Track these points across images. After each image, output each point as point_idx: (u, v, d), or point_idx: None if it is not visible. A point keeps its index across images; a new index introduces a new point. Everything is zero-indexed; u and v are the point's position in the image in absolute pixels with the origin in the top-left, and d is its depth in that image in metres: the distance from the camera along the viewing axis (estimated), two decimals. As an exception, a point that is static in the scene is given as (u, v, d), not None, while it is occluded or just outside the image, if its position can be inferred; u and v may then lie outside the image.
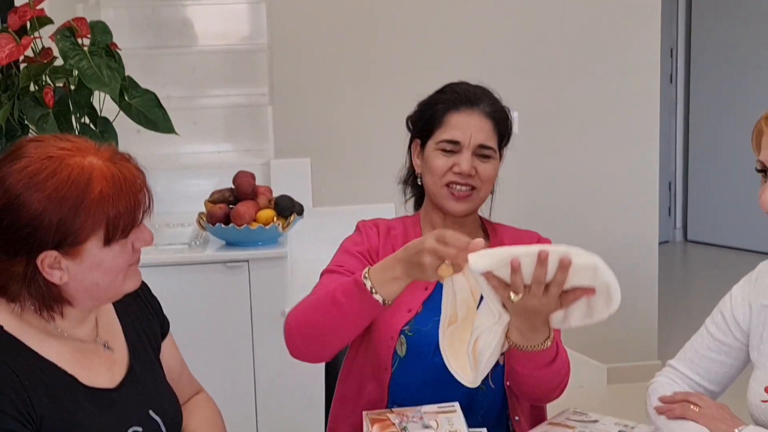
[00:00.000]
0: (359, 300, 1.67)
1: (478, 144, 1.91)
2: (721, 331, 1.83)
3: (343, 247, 1.99)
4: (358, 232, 2.02)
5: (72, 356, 1.54)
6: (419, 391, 1.87)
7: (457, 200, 1.92)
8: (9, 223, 1.43)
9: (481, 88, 2.00)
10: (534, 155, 3.97)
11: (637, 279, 4.10)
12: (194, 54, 4.05)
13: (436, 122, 1.95)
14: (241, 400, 3.09)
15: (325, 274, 1.93)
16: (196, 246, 3.16)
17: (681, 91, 6.65)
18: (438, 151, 1.93)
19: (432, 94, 2.01)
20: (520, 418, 1.94)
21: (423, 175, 1.99)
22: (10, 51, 2.55)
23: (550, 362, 1.75)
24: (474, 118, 1.93)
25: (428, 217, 2.03)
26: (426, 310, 1.92)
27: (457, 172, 1.90)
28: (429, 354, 1.89)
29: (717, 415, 1.70)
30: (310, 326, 1.76)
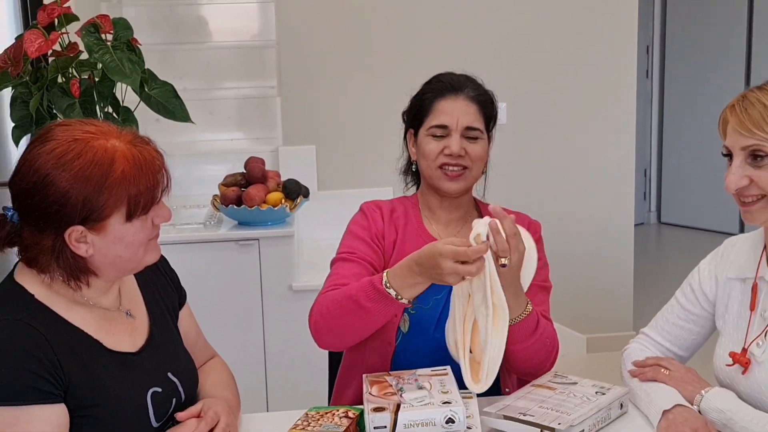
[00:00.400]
0: (385, 304, 1.69)
1: (465, 126, 1.91)
2: (690, 301, 1.83)
3: (351, 231, 1.98)
4: (363, 215, 2.01)
5: (97, 323, 1.55)
6: (420, 363, 1.86)
7: (450, 180, 1.92)
8: (39, 200, 1.44)
9: (465, 76, 1.99)
10: (521, 144, 3.98)
11: (614, 258, 4.12)
12: (208, 49, 4.04)
13: (425, 111, 1.94)
14: (252, 365, 3.10)
15: (339, 263, 1.92)
16: (210, 225, 3.17)
17: (656, 86, 6.65)
18: (429, 137, 1.93)
19: (421, 86, 2.00)
20: (510, 389, 1.95)
21: (418, 160, 1.98)
22: (39, 45, 2.55)
23: (534, 329, 1.78)
24: (459, 103, 1.92)
25: (425, 199, 2.02)
26: (427, 291, 1.91)
27: (447, 154, 1.90)
28: (430, 329, 1.90)
29: (685, 378, 1.71)
30: (338, 326, 1.78)
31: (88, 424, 1.48)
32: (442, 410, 1.55)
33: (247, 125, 3.94)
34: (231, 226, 3.13)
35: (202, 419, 1.56)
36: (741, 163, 1.59)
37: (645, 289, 4.29)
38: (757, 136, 1.55)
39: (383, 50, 3.83)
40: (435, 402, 1.58)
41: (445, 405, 1.56)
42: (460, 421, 1.55)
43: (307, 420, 1.61)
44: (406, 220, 1.98)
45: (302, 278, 3.12)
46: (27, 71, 2.61)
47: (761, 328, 1.67)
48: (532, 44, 3.94)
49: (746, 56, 6.02)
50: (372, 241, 1.94)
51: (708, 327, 1.83)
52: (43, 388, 1.41)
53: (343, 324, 1.77)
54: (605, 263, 4.11)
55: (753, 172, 1.58)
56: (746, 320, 1.71)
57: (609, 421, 1.69)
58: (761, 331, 1.67)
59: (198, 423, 1.55)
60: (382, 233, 1.96)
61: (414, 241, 1.93)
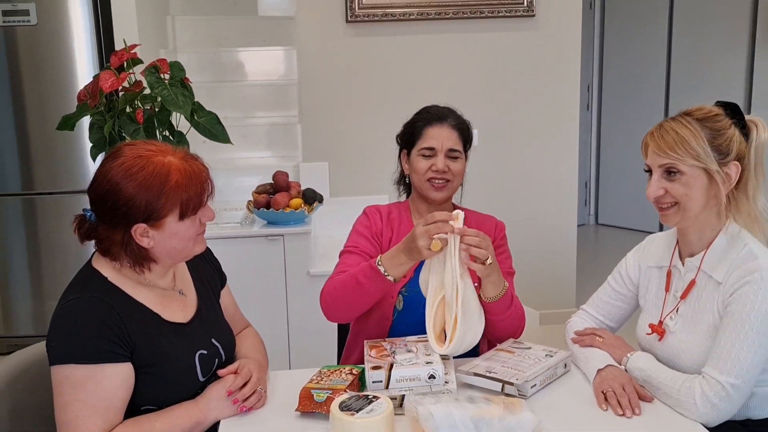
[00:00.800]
0: (376, 280, 1.71)
1: (449, 148, 1.92)
2: (619, 284, 1.84)
3: (356, 229, 1.98)
4: (365, 216, 2.01)
5: (157, 300, 1.56)
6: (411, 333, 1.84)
7: (436, 190, 1.92)
8: (111, 204, 1.45)
9: (447, 108, 2.00)
10: (490, 162, 3.98)
11: (561, 252, 4.12)
12: (245, 86, 4.04)
13: (416, 135, 1.95)
14: (278, 333, 3.10)
15: (345, 254, 1.93)
16: (245, 224, 3.17)
17: (594, 117, 6.65)
18: (420, 157, 1.93)
19: (413, 116, 2.01)
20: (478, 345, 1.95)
21: (410, 175, 1.99)
22: (112, 83, 2.55)
23: (510, 304, 1.79)
24: (444, 130, 1.93)
25: (415, 204, 2.02)
26: (417, 276, 1.91)
27: (434, 170, 1.91)
28: (420, 307, 1.85)
29: (615, 344, 1.72)
30: (340, 301, 1.79)
31: (150, 379, 1.49)
32: (426, 368, 1.56)
33: (274, 146, 3.93)
34: (261, 225, 3.13)
35: (239, 375, 1.57)
36: (658, 178, 1.60)
37: (584, 275, 4.29)
38: (671, 156, 1.56)
39: (382, 87, 3.84)
40: (420, 362, 1.59)
41: (428, 364, 1.57)
42: (439, 377, 1.56)
43: (320, 376, 1.62)
44: (400, 221, 1.99)
45: (317, 266, 3.12)
46: (102, 103, 2.62)
47: (673, 305, 1.68)
48: (499, 84, 3.94)
49: (665, 93, 6.03)
50: (372, 238, 1.95)
51: (633, 304, 1.84)
52: (114, 350, 1.42)
53: (345, 299, 1.78)
54: (554, 255, 4.11)
55: (667, 185, 1.59)
56: (662, 299, 1.71)
57: (555, 378, 1.69)
58: (673, 308, 1.67)
59: (235, 378, 1.56)
60: (381, 231, 1.97)
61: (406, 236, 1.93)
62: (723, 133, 1.56)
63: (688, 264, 1.66)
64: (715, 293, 1.58)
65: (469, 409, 1.38)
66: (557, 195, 4.06)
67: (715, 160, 1.55)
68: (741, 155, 1.57)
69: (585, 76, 6.25)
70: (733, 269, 1.56)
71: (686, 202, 1.58)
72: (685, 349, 1.61)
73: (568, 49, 3.94)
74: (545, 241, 4.10)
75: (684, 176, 1.57)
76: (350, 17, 3.75)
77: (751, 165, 1.58)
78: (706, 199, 1.58)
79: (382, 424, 1.39)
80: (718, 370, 1.49)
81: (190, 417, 1.49)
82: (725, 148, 1.56)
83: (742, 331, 1.48)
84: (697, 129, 1.56)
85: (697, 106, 1.62)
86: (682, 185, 1.57)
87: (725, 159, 1.56)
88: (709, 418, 1.48)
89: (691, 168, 1.56)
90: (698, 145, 1.54)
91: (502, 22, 3.86)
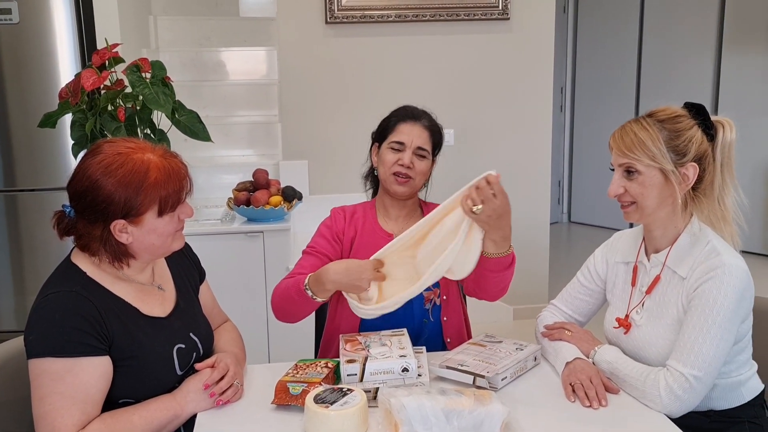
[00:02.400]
0: (305, 299, 1.74)
1: (417, 146, 1.92)
2: (587, 279, 1.85)
3: (319, 230, 1.99)
4: (330, 218, 2.01)
5: (135, 294, 1.54)
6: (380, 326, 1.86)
7: (398, 184, 1.92)
8: (90, 200, 1.43)
9: (424, 110, 2.00)
10: (465, 160, 3.99)
11: (534, 248, 4.14)
12: (226, 86, 4.02)
13: (389, 129, 1.95)
14: (258, 327, 3.09)
15: (304, 255, 1.94)
16: (226, 221, 3.15)
17: (568, 118, 6.70)
18: (389, 149, 1.93)
19: (390, 113, 2.01)
20: (451, 339, 1.96)
21: (377, 167, 1.98)
22: (93, 81, 2.53)
23: (509, 265, 1.78)
24: (416, 128, 1.93)
25: (381, 201, 2.02)
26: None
27: (400, 164, 1.90)
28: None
29: (583, 337, 1.73)
30: (282, 308, 1.83)
31: (128, 372, 1.48)
32: (399, 362, 1.57)
33: (255, 144, 3.92)
34: (242, 221, 3.11)
35: (216, 369, 1.57)
36: (619, 177, 1.63)
37: (557, 271, 4.32)
38: (629, 156, 1.59)
39: (360, 88, 3.83)
40: (394, 355, 1.59)
41: (401, 358, 1.58)
42: (412, 370, 1.56)
43: (296, 369, 1.61)
44: (364, 219, 1.99)
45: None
46: (83, 101, 2.59)
47: (639, 299, 1.69)
48: (475, 85, 3.95)
49: (635, 95, 6.09)
50: (332, 239, 1.95)
51: (600, 299, 1.85)
52: (92, 344, 1.41)
53: (285, 308, 1.82)
54: (528, 252, 4.13)
55: (627, 184, 1.61)
56: (628, 294, 1.73)
57: (526, 371, 1.71)
58: (639, 302, 1.69)
59: (212, 372, 1.56)
60: (343, 231, 1.96)
61: (369, 235, 1.95)
62: (682, 134, 1.58)
63: (653, 260, 1.68)
64: (679, 288, 1.60)
65: (440, 401, 1.38)
66: (531, 194, 4.09)
67: (672, 161, 1.57)
68: (700, 156, 1.59)
69: (558, 78, 6.29)
70: (696, 265, 1.58)
71: (642, 201, 1.60)
72: (650, 342, 1.62)
73: (541, 52, 3.96)
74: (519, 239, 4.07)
75: (641, 176, 1.59)
76: (330, 18, 3.74)
77: (717, 164, 1.60)
78: (661, 198, 1.59)
79: (355, 416, 1.40)
80: (681, 363, 1.50)
81: (168, 410, 1.48)
82: (683, 149, 1.57)
83: (705, 325, 1.50)
84: (655, 131, 1.57)
85: (663, 107, 1.63)
86: (639, 184, 1.59)
87: (682, 160, 1.58)
88: (673, 409, 1.50)
89: (648, 168, 1.58)
90: (654, 147, 1.56)
91: (477, 24, 3.87)
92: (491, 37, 3.90)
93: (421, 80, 3.90)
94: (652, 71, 5.96)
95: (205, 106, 3.84)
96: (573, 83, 6.59)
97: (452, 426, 1.35)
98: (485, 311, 3.73)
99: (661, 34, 5.87)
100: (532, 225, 4.13)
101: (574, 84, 6.58)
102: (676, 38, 5.75)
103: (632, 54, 6.07)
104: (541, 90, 4.01)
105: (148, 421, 1.45)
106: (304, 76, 3.82)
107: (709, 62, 5.57)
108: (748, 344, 1.64)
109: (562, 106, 6.61)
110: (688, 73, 5.68)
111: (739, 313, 1.53)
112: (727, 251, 1.57)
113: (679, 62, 5.75)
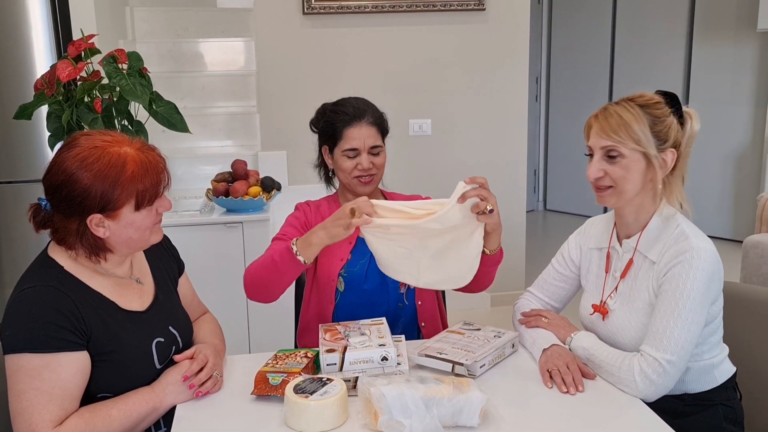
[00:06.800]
0: (289, 260, 1.69)
1: (370, 146, 1.90)
2: (562, 266, 1.85)
3: (288, 221, 1.97)
4: (297, 210, 2.00)
5: (113, 288, 1.52)
6: (356, 312, 1.88)
7: (364, 185, 1.91)
8: (66, 193, 1.40)
9: (363, 102, 1.94)
10: (441, 150, 3.99)
11: (511, 236, 4.15)
12: (204, 77, 3.97)
13: (337, 137, 1.91)
14: (239, 319, 3.07)
15: (274, 241, 1.91)
16: (205, 212, 3.12)
17: (543, 107, 6.72)
18: (344, 157, 1.90)
19: (329, 112, 1.95)
20: (425, 324, 1.96)
21: (336, 171, 1.96)
22: (69, 72, 2.48)
23: (499, 260, 1.82)
24: (363, 129, 1.89)
25: (344, 196, 2.00)
26: (353, 257, 1.93)
27: (360, 169, 1.89)
28: (361, 285, 1.90)
29: (560, 324, 1.74)
30: (258, 280, 1.76)
31: (106, 367, 1.45)
32: (379, 351, 1.56)
33: (233, 135, 3.88)
34: (221, 212, 3.09)
35: (195, 360, 1.55)
36: (599, 159, 1.61)
37: (533, 259, 4.34)
38: (613, 138, 1.57)
39: (338, 78, 3.81)
40: (373, 345, 1.58)
41: (380, 347, 1.57)
42: (392, 359, 1.55)
43: (276, 360, 1.60)
44: (330, 211, 1.96)
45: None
46: (59, 92, 2.54)
47: (613, 285, 1.70)
48: (450, 75, 3.95)
49: (609, 86, 6.13)
50: (301, 227, 1.93)
51: (575, 285, 1.85)
52: (69, 339, 1.38)
53: (261, 280, 1.75)
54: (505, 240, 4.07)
55: (607, 167, 1.60)
56: (603, 279, 1.73)
57: (504, 357, 1.71)
58: (613, 288, 1.70)
59: (191, 363, 1.54)
60: (310, 222, 1.94)
61: None
62: (663, 120, 1.58)
63: (625, 245, 1.68)
64: (650, 272, 1.60)
65: (419, 389, 1.38)
66: (507, 182, 4.10)
67: (655, 146, 1.57)
68: (677, 143, 1.59)
69: (534, 68, 6.30)
70: (666, 249, 1.58)
71: (623, 185, 1.59)
72: (625, 326, 1.63)
73: (516, 42, 3.96)
74: (496, 227, 4.13)
75: (624, 159, 1.58)
76: (307, 9, 3.71)
77: (683, 152, 1.61)
78: (642, 183, 1.59)
79: (335, 405, 1.39)
80: (654, 348, 1.51)
81: (147, 402, 1.46)
82: (664, 135, 1.57)
83: (676, 309, 1.51)
84: (639, 114, 1.56)
85: (640, 92, 1.63)
86: (621, 168, 1.58)
87: (663, 145, 1.58)
88: (648, 393, 1.51)
89: (632, 152, 1.57)
90: (640, 130, 1.55)
91: (453, 15, 3.86)
92: (467, 28, 3.89)
93: (398, 71, 3.88)
94: (624, 62, 5.99)
95: (183, 97, 3.79)
96: (548, 73, 6.61)
97: (432, 414, 1.34)
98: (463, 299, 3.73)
99: (633, 25, 5.90)
100: (509, 213, 4.14)
101: (549, 74, 6.60)
102: (648, 30, 5.78)
103: (605, 45, 6.10)
104: (517, 80, 4.01)
105: (127, 414, 1.43)
106: (281, 67, 3.79)
107: (680, 54, 5.62)
108: (719, 326, 1.66)
109: (537, 96, 6.63)
110: (660, 64, 5.72)
111: (708, 295, 1.54)
112: (696, 235, 1.58)
113: (651, 53, 5.78)
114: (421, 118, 3.95)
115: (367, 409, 1.38)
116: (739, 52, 5.28)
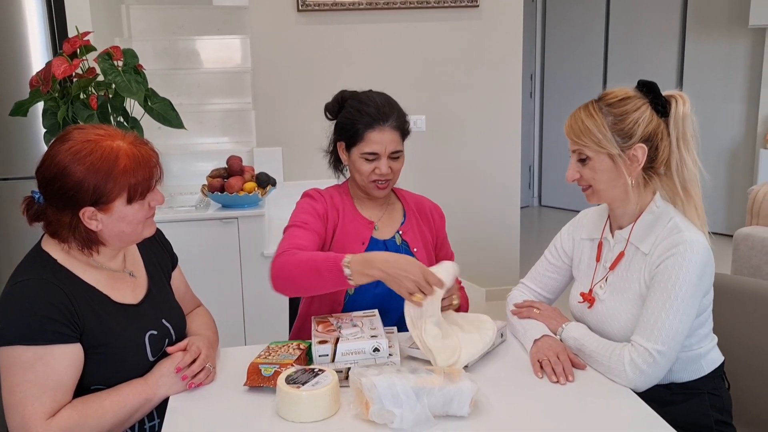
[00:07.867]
0: (337, 278, 1.58)
1: (392, 151, 1.83)
2: (554, 257, 1.86)
3: (303, 208, 1.87)
4: (310, 198, 1.90)
5: (106, 281, 1.52)
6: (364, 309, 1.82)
7: (380, 189, 1.87)
8: (59, 186, 1.40)
9: (388, 103, 1.85)
10: (436, 147, 3.99)
11: (506, 231, 4.17)
12: (199, 74, 3.97)
13: (357, 138, 1.83)
14: (234, 312, 3.07)
15: (293, 228, 1.80)
16: (200, 208, 3.12)
17: (537, 104, 6.73)
18: (362, 159, 1.83)
19: (350, 107, 1.86)
20: None
21: (351, 171, 1.89)
22: (64, 69, 2.48)
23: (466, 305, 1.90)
24: (387, 133, 1.81)
25: (355, 191, 1.94)
26: None
27: (378, 174, 1.83)
28: (371, 289, 1.82)
29: (551, 315, 1.75)
30: (294, 281, 1.64)
31: (99, 359, 1.45)
32: (370, 342, 1.56)
33: (229, 131, 3.88)
34: (216, 208, 3.08)
35: (187, 352, 1.55)
36: (574, 162, 1.64)
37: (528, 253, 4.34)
38: (578, 143, 1.60)
39: (332, 75, 3.81)
40: (365, 336, 1.58)
41: (372, 338, 1.57)
42: (383, 350, 1.56)
43: (269, 351, 1.60)
44: (343, 205, 1.91)
45: (271, 247, 3.08)
46: (55, 89, 2.54)
47: (603, 275, 1.70)
48: (445, 72, 3.95)
49: (602, 82, 6.13)
50: (320, 217, 1.85)
51: (567, 276, 1.86)
52: (62, 332, 1.38)
53: (299, 280, 1.63)
54: (500, 235, 4.15)
55: (581, 169, 1.63)
56: (593, 269, 1.74)
57: (494, 347, 1.71)
58: (602, 277, 1.70)
59: (184, 355, 1.54)
60: (327, 214, 1.88)
61: (352, 222, 1.89)
62: (627, 117, 1.57)
63: (617, 236, 1.68)
64: (642, 264, 1.61)
65: (410, 379, 1.38)
66: (502, 178, 4.10)
67: (617, 145, 1.56)
68: (649, 136, 1.58)
69: (528, 65, 6.30)
70: (659, 241, 1.58)
71: (596, 185, 1.62)
72: (613, 316, 1.63)
73: (510, 39, 3.96)
74: (491, 222, 4.14)
75: (591, 161, 1.60)
76: (302, 6, 3.70)
77: (673, 140, 1.59)
78: (613, 181, 1.60)
79: (327, 395, 1.39)
80: (645, 338, 1.51)
81: (140, 394, 1.46)
82: (628, 132, 1.57)
83: (668, 301, 1.51)
84: (600, 116, 1.57)
85: (615, 89, 1.63)
86: (590, 170, 1.60)
87: (629, 142, 1.57)
88: (638, 383, 1.51)
89: (596, 153, 1.58)
90: (600, 132, 1.56)
91: (447, 12, 3.86)
92: (461, 24, 3.89)
93: (393, 67, 3.88)
94: (618, 58, 5.99)
95: (179, 94, 3.79)
96: (542, 70, 6.61)
97: (422, 403, 1.34)
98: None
99: (626, 22, 5.90)
100: (504, 209, 4.15)
101: (543, 71, 6.60)
102: (642, 26, 5.78)
103: (599, 41, 6.10)
104: (511, 77, 4.01)
105: (120, 405, 1.43)
106: (277, 64, 3.79)
107: (673, 49, 5.62)
108: (708, 318, 1.66)
109: (531, 93, 6.63)
110: (653, 59, 5.72)
111: (700, 288, 1.54)
112: (689, 228, 1.58)
113: (644, 50, 5.79)
114: (415, 114, 3.95)
115: (359, 399, 1.38)
116: (731, 48, 5.29)
